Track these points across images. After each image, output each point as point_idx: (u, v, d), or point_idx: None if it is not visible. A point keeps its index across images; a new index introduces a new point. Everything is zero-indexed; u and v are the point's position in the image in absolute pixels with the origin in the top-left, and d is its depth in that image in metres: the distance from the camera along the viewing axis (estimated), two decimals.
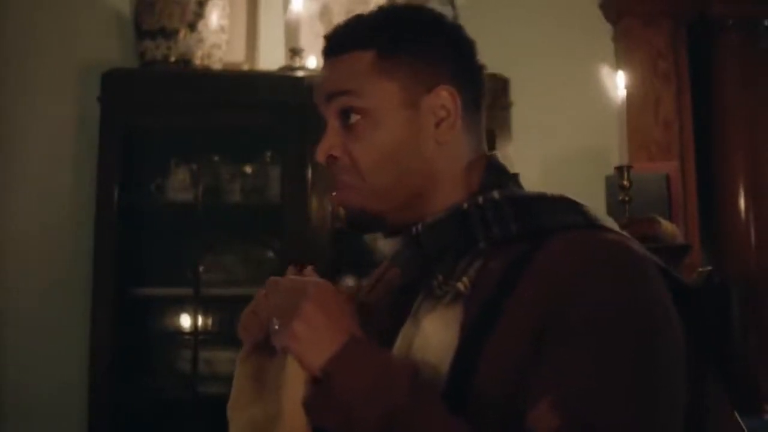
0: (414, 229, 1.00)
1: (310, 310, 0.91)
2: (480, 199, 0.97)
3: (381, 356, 0.92)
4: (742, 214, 2.99)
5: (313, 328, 0.91)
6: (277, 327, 0.93)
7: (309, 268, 1.01)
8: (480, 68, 1.06)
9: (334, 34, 1.04)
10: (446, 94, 1.00)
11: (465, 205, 0.98)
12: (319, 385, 0.90)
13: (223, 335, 2.85)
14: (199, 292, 2.65)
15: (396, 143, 0.99)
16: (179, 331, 2.83)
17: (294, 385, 0.91)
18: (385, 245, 1.08)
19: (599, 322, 0.86)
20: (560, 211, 0.97)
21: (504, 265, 0.93)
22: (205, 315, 2.78)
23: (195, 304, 2.67)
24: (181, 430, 2.71)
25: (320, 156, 1.02)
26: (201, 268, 2.68)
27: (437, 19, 1.05)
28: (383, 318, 1.04)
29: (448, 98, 1.00)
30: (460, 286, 0.94)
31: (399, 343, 0.99)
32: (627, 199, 2.18)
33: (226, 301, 2.80)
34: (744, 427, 1.03)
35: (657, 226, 2.10)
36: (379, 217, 1.01)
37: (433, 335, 0.95)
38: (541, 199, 0.98)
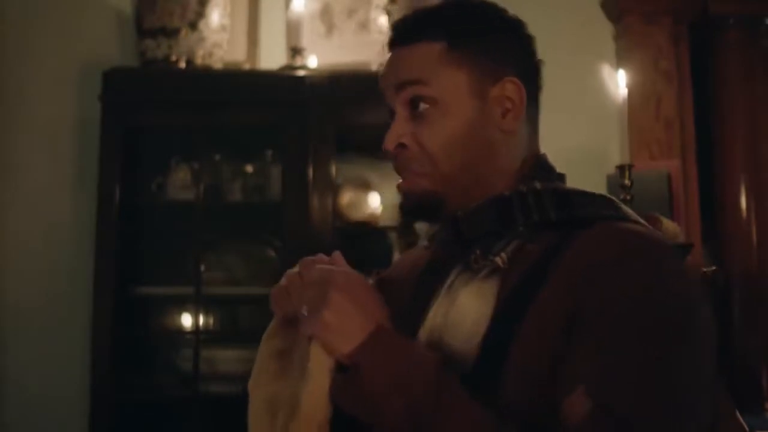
0: (459, 213, 1.02)
1: (339, 299, 0.93)
2: (522, 187, 1.00)
3: (408, 346, 0.93)
4: (744, 213, 2.99)
5: (342, 317, 0.92)
6: (306, 314, 0.94)
7: (337, 254, 1.02)
8: (539, 62, 1.09)
9: (404, 24, 1.06)
10: (512, 86, 1.03)
11: (507, 193, 1.01)
12: (346, 374, 0.91)
13: (224, 334, 2.85)
14: (200, 291, 2.65)
15: (464, 131, 1.01)
16: (180, 330, 2.83)
17: (318, 372, 0.92)
18: (422, 227, 1.10)
19: (631, 312, 0.87)
20: (598, 204, 1.00)
21: (542, 248, 0.96)
22: (206, 314, 2.79)
23: (196, 303, 2.67)
24: (183, 429, 2.71)
25: (389, 144, 1.04)
26: (202, 267, 2.68)
27: (503, 13, 1.08)
28: (405, 295, 1.05)
29: (515, 90, 1.03)
30: (498, 260, 0.97)
31: (431, 316, 1.00)
32: (628, 197, 2.17)
33: (227, 300, 2.80)
34: (745, 425, 1.03)
35: (658, 225, 2.08)
36: (443, 202, 1.02)
37: (469, 306, 0.97)
38: (581, 193, 1.01)
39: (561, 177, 1.06)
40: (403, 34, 1.05)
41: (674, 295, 0.90)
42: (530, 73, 1.07)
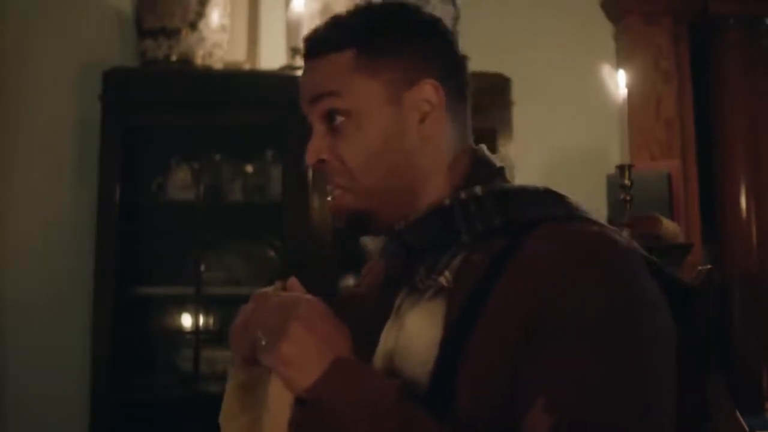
0: (398, 227, 1.00)
1: (298, 329, 0.89)
2: (462, 194, 0.97)
3: (367, 376, 0.90)
4: (744, 213, 2.99)
5: (300, 349, 0.89)
6: (264, 344, 0.91)
7: (292, 280, 0.99)
8: (461, 58, 1.05)
9: (313, 36, 1.03)
10: (429, 88, 0.99)
11: (447, 201, 0.97)
12: (305, 407, 0.88)
13: (224, 334, 2.84)
14: (201, 291, 2.65)
15: (382, 141, 0.98)
16: (180, 330, 2.83)
17: (279, 403, 0.90)
18: (370, 243, 1.08)
19: (585, 320, 0.85)
20: (543, 203, 0.96)
21: (487, 258, 0.92)
22: (206, 314, 2.79)
23: (196, 303, 2.67)
24: (182, 429, 2.71)
25: (309, 159, 1.02)
26: (202, 267, 2.68)
27: (415, 13, 1.04)
28: (370, 311, 1.03)
29: (432, 91, 0.99)
30: (442, 280, 0.94)
31: (383, 340, 0.98)
32: (628, 198, 2.17)
33: (227, 300, 2.80)
34: (745, 425, 1.03)
35: (658, 225, 2.09)
36: (373, 216, 1.00)
37: (417, 331, 0.94)
38: (524, 192, 0.97)
39: (501, 171, 1.03)
40: (313, 46, 1.02)
41: (632, 299, 0.87)
42: (451, 71, 1.02)
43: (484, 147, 1.05)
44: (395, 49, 1.00)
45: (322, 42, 1.01)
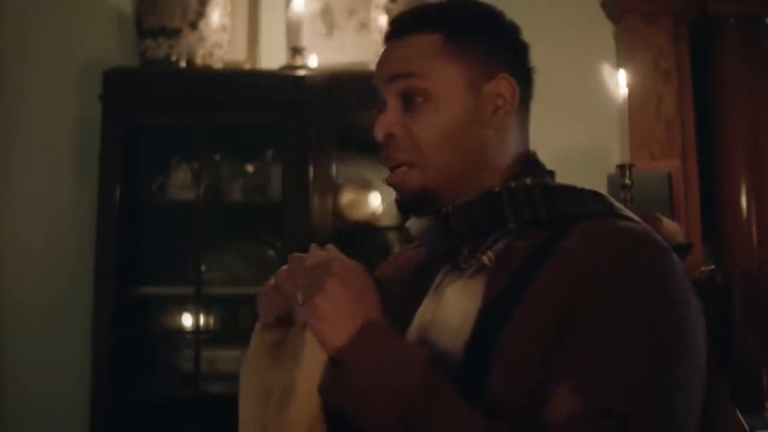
0: (444, 209, 1.02)
1: (334, 286, 0.92)
2: (512, 184, 1.00)
3: (398, 343, 0.93)
4: (744, 213, 2.99)
5: (335, 304, 0.92)
6: (301, 302, 0.94)
7: (330, 246, 1.01)
8: (532, 72, 1.10)
9: (402, 17, 1.07)
10: (506, 83, 1.03)
11: (497, 189, 1.00)
12: (336, 368, 0.90)
13: (224, 334, 2.85)
14: (201, 291, 2.65)
15: (455, 124, 1.01)
16: (181, 330, 2.83)
17: (312, 363, 0.92)
18: (412, 224, 1.09)
19: (621, 311, 0.87)
20: (587, 200, 1.00)
21: (530, 246, 0.95)
22: (206, 314, 2.79)
23: (196, 303, 2.67)
24: (183, 429, 2.71)
25: (379, 133, 1.03)
26: (202, 267, 2.68)
27: (502, 16, 1.09)
28: (402, 294, 1.05)
29: (508, 87, 1.03)
30: (485, 259, 0.97)
31: (419, 314, 1.00)
32: (628, 197, 2.17)
33: (227, 300, 2.80)
34: (745, 424, 1.03)
35: (659, 225, 2.09)
36: (435, 195, 1.02)
37: (456, 304, 0.96)
38: (571, 189, 1.01)
39: (551, 174, 1.06)
40: (401, 27, 1.05)
41: (666, 295, 0.90)
42: (523, 77, 1.07)
43: (537, 153, 1.09)
44: (480, 41, 1.04)
45: (412, 23, 1.04)
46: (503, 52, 1.05)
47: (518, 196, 0.99)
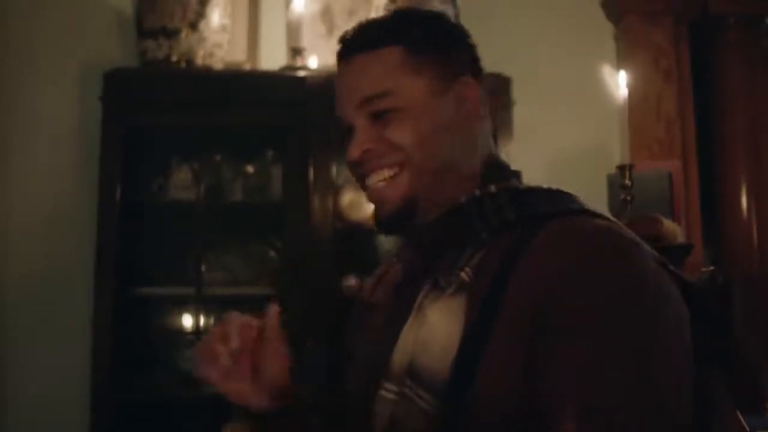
0: (416, 228, 1.02)
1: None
2: (477, 193, 1.01)
3: None
4: (744, 213, 2.99)
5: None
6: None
7: (272, 307, 1.05)
8: (482, 71, 1.10)
9: (357, 33, 1.05)
10: (469, 86, 1.04)
11: (463, 199, 1.01)
12: None
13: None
14: (201, 292, 2.65)
15: (428, 131, 1.01)
16: (181, 331, 2.83)
17: None
18: (387, 242, 1.09)
19: (597, 312, 0.87)
20: (555, 200, 1.00)
21: (503, 252, 0.95)
22: (206, 314, 2.78)
23: (197, 304, 2.67)
24: (182, 429, 2.71)
25: (355, 153, 1.03)
26: (203, 268, 2.68)
27: (450, 20, 1.10)
28: (385, 314, 1.05)
29: (471, 86, 1.04)
30: (463, 275, 0.96)
31: (404, 335, 0.99)
32: (629, 198, 2.17)
33: (227, 300, 2.80)
34: (745, 425, 1.03)
35: (659, 225, 2.09)
36: (416, 203, 1.01)
37: (438, 325, 0.96)
38: (538, 189, 1.02)
39: (516, 174, 1.06)
40: (356, 43, 1.04)
41: (640, 291, 0.90)
42: (479, 78, 1.08)
43: (501, 153, 1.10)
44: (438, 47, 1.04)
45: (367, 39, 1.04)
46: (460, 55, 1.06)
47: (485, 205, 1.00)
